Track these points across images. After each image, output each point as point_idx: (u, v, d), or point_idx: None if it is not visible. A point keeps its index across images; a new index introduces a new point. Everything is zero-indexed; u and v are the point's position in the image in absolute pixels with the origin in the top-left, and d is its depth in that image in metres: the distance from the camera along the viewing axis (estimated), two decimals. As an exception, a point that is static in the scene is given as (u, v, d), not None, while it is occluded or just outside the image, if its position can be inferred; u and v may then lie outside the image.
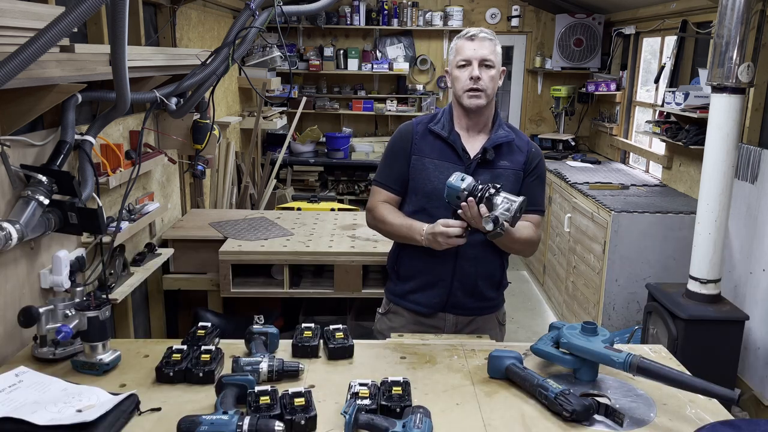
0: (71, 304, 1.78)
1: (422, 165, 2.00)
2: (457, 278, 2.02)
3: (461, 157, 1.98)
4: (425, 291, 2.05)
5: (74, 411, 1.45)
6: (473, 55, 1.92)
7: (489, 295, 2.09)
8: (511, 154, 2.02)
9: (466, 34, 1.97)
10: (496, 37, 2.00)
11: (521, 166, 2.02)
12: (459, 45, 1.96)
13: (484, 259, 2.02)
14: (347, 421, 1.37)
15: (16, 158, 1.86)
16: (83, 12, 1.46)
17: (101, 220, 1.98)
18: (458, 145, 1.99)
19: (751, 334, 3.27)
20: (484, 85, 1.93)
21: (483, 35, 1.95)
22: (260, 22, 2.73)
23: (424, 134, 2.03)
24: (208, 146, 3.28)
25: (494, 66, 1.94)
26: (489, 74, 1.93)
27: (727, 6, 2.88)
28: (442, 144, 2.01)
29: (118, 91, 1.95)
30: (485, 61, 1.93)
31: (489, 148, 1.97)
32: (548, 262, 5.08)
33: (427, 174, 2.00)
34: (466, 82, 1.93)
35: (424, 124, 2.05)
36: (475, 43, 1.93)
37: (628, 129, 5.38)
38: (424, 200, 2.01)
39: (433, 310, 2.07)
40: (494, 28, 6.10)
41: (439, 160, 1.99)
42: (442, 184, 1.90)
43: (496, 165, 1.99)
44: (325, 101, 6.12)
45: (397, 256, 2.11)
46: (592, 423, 1.48)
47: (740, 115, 2.95)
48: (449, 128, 2.01)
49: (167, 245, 3.18)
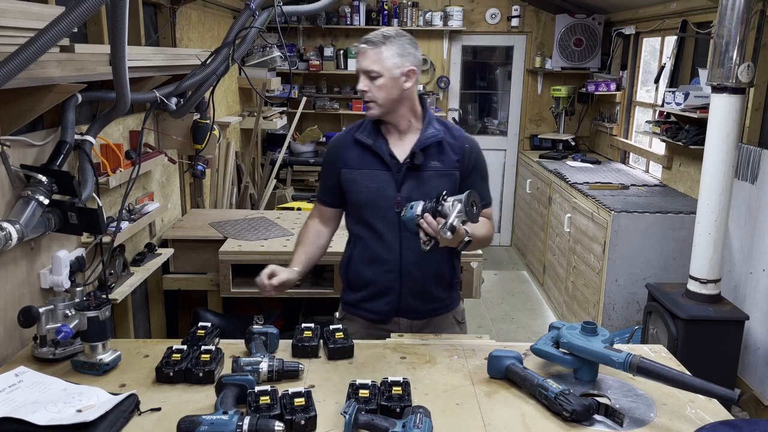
0: (71, 304, 1.78)
1: (352, 177, 1.98)
2: (405, 284, 1.99)
3: (389, 163, 1.94)
4: (376, 300, 2.02)
5: (74, 411, 1.45)
6: (359, 68, 1.90)
7: (440, 295, 2.06)
8: (443, 153, 1.97)
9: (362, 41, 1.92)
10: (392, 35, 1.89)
11: (455, 165, 1.97)
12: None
13: (430, 262, 1.98)
14: (347, 421, 1.37)
15: (16, 158, 1.86)
16: (83, 12, 1.46)
17: (101, 220, 1.98)
18: (384, 152, 1.94)
19: (751, 334, 3.27)
20: (371, 97, 1.89)
21: (363, 46, 1.88)
22: (260, 22, 2.73)
23: (351, 145, 1.99)
24: (208, 146, 3.28)
25: (381, 75, 1.86)
26: (375, 85, 1.87)
27: (727, 6, 2.88)
28: (369, 152, 1.97)
29: (118, 91, 1.95)
30: (369, 73, 1.87)
31: (417, 151, 1.93)
32: (548, 262, 5.08)
33: (357, 186, 1.97)
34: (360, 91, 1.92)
35: (350, 134, 2.02)
36: (359, 54, 1.89)
37: (628, 129, 5.38)
38: (360, 210, 2.00)
39: (386, 317, 2.05)
40: (494, 28, 6.10)
41: (368, 169, 1.96)
42: (372, 192, 1.93)
43: (426, 167, 1.94)
44: (325, 101, 6.12)
45: (347, 265, 2.09)
46: (592, 423, 1.48)
47: (740, 115, 2.95)
48: (374, 135, 1.97)
49: (167, 245, 3.18)
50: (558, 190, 4.83)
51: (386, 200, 1.95)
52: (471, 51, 6.40)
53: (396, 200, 1.94)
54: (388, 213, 1.96)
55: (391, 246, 1.97)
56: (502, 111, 6.56)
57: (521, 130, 6.37)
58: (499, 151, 6.47)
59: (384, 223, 1.97)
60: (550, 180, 5.06)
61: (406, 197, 1.92)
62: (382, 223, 1.97)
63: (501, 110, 6.57)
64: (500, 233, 6.61)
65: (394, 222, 1.95)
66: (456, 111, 6.37)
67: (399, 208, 1.93)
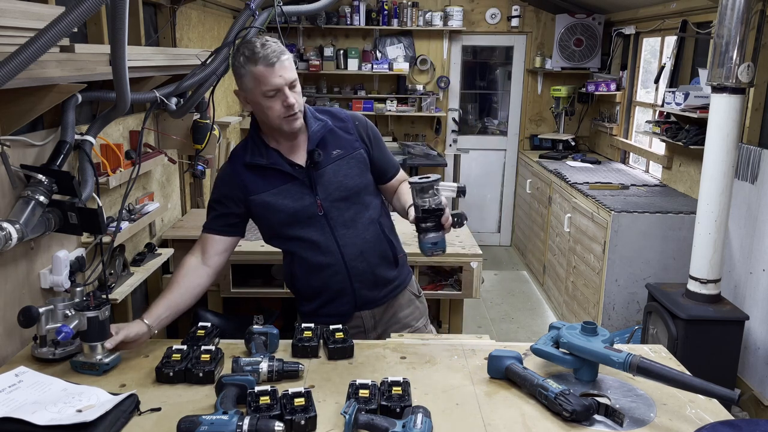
0: (71, 304, 1.78)
1: (263, 202, 1.91)
2: (355, 280, 1.97)
3: (293, 173, 1.90)
4: (332, 303, 2.00)
5: (74, 411, 1.45)
6: (281, 83, 1.77)
7: (390, 276, 2.04)
8: (338, 139, 1.94)
9: (256, 57, 1.75)
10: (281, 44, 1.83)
11: (355, 144, 1.96)
12: (259, 73, 1.76)
13: (371, 247, 1.97)
14: (347, 421, 1.37)
15: (16, 158, 1.86)
16: (83, 12, 1.46)
17: (101, 220, 1.98)
18: (283, 165, 1.89)
19: (751, 334, 3.27)
20: (299, 107, 1.84)
21: (282, 57, 1.77)
22: (260, 22, 2.73)
23: (245, 172, 1.92)
24: (208, 146, 3.27)
25: (296, 81, 1.82)
26: (297, 92, 1.82)
27: (727, 6, 2.88)
28: (268, 171, 1.90)
29: (118, 91, 1.95)
30: (293, 83, 1.81)
31: (314, 149, 1.89)
32: (548, 262, 5.08)
33: (274, 207, 1.91)
34: (281, 110, 1.81)
35: (239, 160, 1.93)
36: (276, 68, 1.76)
37: (628, 129, 5.38)
38: (286, 229, 1.95)
39: (347, 317, 2.03)
40: (494, 28, 6.10)
41: (276, 188, 1.91)
42: (290, 206, 1.89)
43: (329, 160, 1.91)
44: (325, 101, 6.12)
45: (292, 280, 2.06)
46: (592, 423, 1.48)
47: (740, 115, 2.95)
48: (265, 151, 1.90)
49: (167, 245, 3.18)
50: (558, 190, 4.83)
51: (307, 208, 1.92)
52: (471, 51, 6.41)
53: (316, 204, 1.91)
54: (313, 219, 1.93)
55: (329, 249, 1.94)
56: (502, 111, 6.56)
57: (521, 130, 6.37)
58: (499, 151, 6.47)
59: (314, 230, 1.93)
60: (550, 180, 5.06)
61: (324, 197, 1.91)
62: (311, 231, 1.93)
63: (501, 110, 6.57)
64: (500, 233, 6.61)
65: (323, 225, 1.93)
66: (456, 111, 6.37)
67: (321, 210, 1.92)
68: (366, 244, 1.96)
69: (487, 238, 6.50)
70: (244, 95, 1.85)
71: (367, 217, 1.98)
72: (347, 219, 1.95)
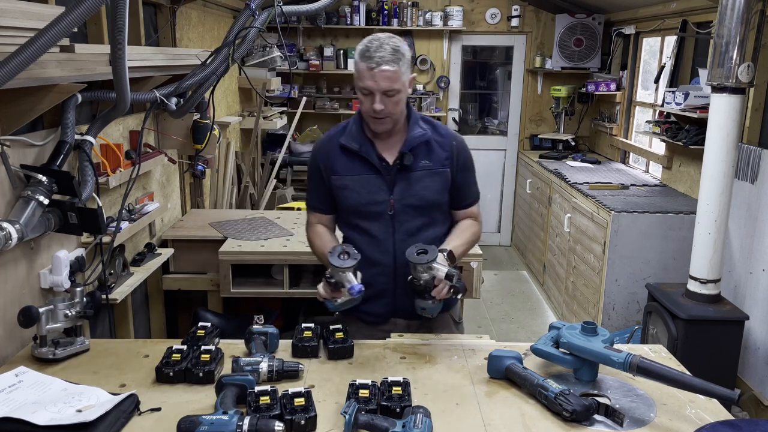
0: (71, 303, 1.78)
1: (343, 183, 1.96)
2: (399, 286, 1.97)
3: (378, 167, 1.94)
4: (371, 302, 1.99)
5: (74, 411, 1.45)
6: (374, 87, 1.81)
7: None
8: (431, 152, 1.96)
9: (365, 54, 1.80)
10: (401, 48, 1.84)
11: (444, 162, 1.97)
12: (361, 69, 1.82)
13: None
14: (347, 421, 1.37)
15: (16, 158, 1.86)
16: (83, 12, 1.46)
17: (101, 220, 1.98)
18: (372, 156, 1.94)
19: (751, 334, 3.27)
20: (387, 113, 1.86)
21: (385, 67, 1.79)
22: (260, 22, 2.73)
23: (337, 151, 1.97)
24: (208, 146, 3.28)
25: (399, 91, 1.84)
26: (393, 101, 1.84)
27: (727, 6, 2.88)
28: (357, 157, 1.95)
29: (118, 91, 1.95)
30: (387, 92, 1.82)
31: (406, 152, 1.92)
32: (548, 262, 5.08)
33: (348, 192, 1.96)
34: (369, 109, 1.86)
35: (335, 139, 1.99)
36: (375, 73, 1.79)
37: (628, 129, 5.38)
38: (353, 216, 1.99)
39: (383, 319, 2.04)
40: (494, 28, 6.10)
41: (358, 174, 1.95)
42: (365, 197, 1.93)
43: (417, 167, 1.94)
44: (325, 101, 6.12)
45: None
46: (592, 423, 1.48)
47: (740, 115, 2.95)
48: (360, 139, 1.95)
49: (167, 245, 3.18)
50: (558, 190, 4.83)
51: (379, 204, 1.95)
52: (471, 51, 6.40)
53: (389, 203, 1.94)
54: (381, 216, 1.95)
55: (385, 248, 1.96)
56: (502, 111, 6.56)
57: (521, 130, 6.37)
58: (499, 151, 6.46)
59: (377, 226, 1.96)
60: (550, 180, 5.06)
61: (398, 199, 1.94)
62: (375, 226, 1.96)
63: (501, 110, 6.57)
64: (500, 233, 6.61)
65: (387, 225, 1.96)
66: (456, 111, 6.36)
67: (392, 210, 1.94)
68: None
69: (487, 238, 6.50)
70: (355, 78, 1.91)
71: (431, 233, 1.99)
72: (412, 228, 1.97)
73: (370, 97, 1.85)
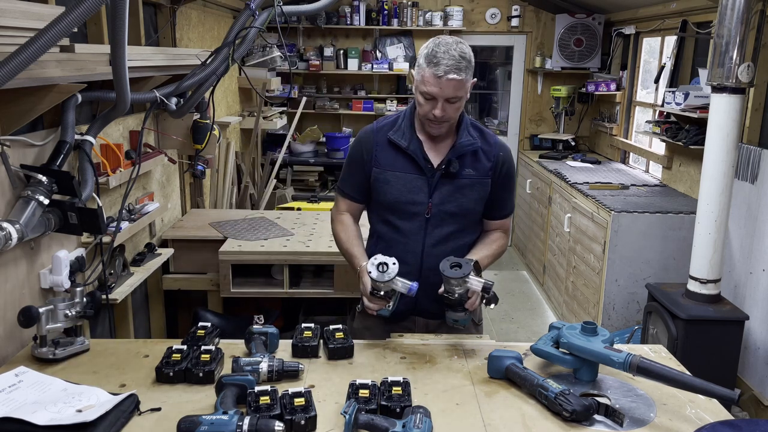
0: (71, 303, 1.78)
1: (384, 178, 1.95)
2: (422, 287, 1.94)
3: (423, 168, 1.93)
4: None
5: (74, 411, 1.45)
6: (439, 94, 1.80)
7: None
8: (477, 161, 1.95)
9: (434, 62, 1.78)
10: (468, 55, 1.82)
11: (488, 172, 1.96)
12: (426, 75, 1.80)
13: None
14: (347, 421, 1.37)
15: (16, 158, 1.86)
16: (83, 12, 1.46)
17: (101, 220, 1.98)
18: (419, 156, 1.92)
19: (751, 334, 3.27)
20: (446, 118, 1.85)
21: (452, 76, 1.77)
22: (260, 22, 2.73)
23: (384, 144, 1.95)
24: (208, 146, 3.28)
25: (462, 97, 1.84)
26: (454, 107, 1.84)
27: (727, 6, 2.88)
28: (402, 154, 1.94)
29: (118, 91, 1.95)
30: (452, 99, 1.82)
31: (453, 159, 1.91)
32: (548, 262, 5.08)
33: (388, 187, 1.95)
34: (428, 113, 1.85)
35: (384, 132, 1.97)
36: (443, 82, 1.78)
37: (628, 129, 5.38)
38: (387, 212, 1.98)
39: (403, 316, 2.04)
40: (494, 28, 6.10)
41: (401, 171, 1.94)
42: (404, 195, 1.92)
43: (461, 175, 1.93)
44: (325, 101, 6.12)
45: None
46: (592, 423, 1.48)
47: (740, 115, 2.95)
48: (409, 136, 1.93)
49: (167, 245, 3.18)
50: (558, 190, 4.83)
51: (417, 205, 1.94)
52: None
53: (427, 206, 1.93)
54: (416, 217, 1.95)
55: (414, 249, 1.96)
56: (502, 111, 6.56)
57: (521, 130, 6.36)
58: (499, 151, 6.46)
59: (410, 226, 1.95)
60: (550, 180, 5.06)
61: (437, 203, 1.93)
62: (408, 226, 1.95)
63: (501, 110, 6.57)
64: (500, 233, 6.61)
65: (421, 226, 1.95)
66: (456, 111, 6.36)
67: (429, 213, 1.94)
68: None
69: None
70: (414, 79, 1.89)
71: (461, 241, 1.99)
72: (444, 233, 1.96)
73: (431, 102, 1.83)
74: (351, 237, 2.01)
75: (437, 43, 1.81)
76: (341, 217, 2.06)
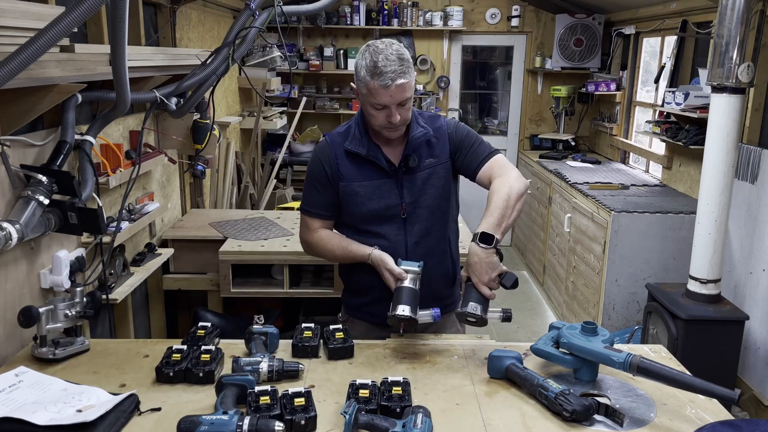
0: (71, 303, 1.78)
1: (352, 190, 1.93)
2: None
3: (387, 170, 1.91)
4: (379, 304, 1.95)
5: (74, 411, 1.45)
6: (391, 102, 1.79)
7: (444, 293, 2.04)
8: (434, 148, 1.95)
9: (377, 73, 1.75)
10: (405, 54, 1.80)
11: (447, 155, 1.95)
12: (373, 87, 1.77)
13: (435, 261, 1.97)
14: (347, 421, 1.37)
15: (16, 158, 1.86)
16: (83, 12, 1.46)
17: (101, 220, 1.98)
18: (381, 160, 1.91)
19: (751, 334, 3.27)
20: (403, 121, 1.85)
21: (399, 81, 1.76)
22: (260, 22, 2.73)
23: (343, 155, 1.93)
24: (208, 146, 3.28)
25: (410, 97, 1.83)
26: (406, 108, 1.84)
27: (727, 6, 2.88)
28: (364, 161, 1.92)
29: (118, 91, 1.95)
30: (403, 102, 1.81)
31: (411, 154, 1.91)
32: (548, 262, 5.08)
33: (359, 198, 1.93)
34: (384, 122, 1.84)
35: (338, 144, 1.94)
36: (392, 90, 1.76)
37: (628, 129, 5.38)
38: (364, 222, 1.96)
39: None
40: (494, 28, 6.10)
41: (367, 180, 1.92)
42: (377, 203, 1.91)
43: (422, 167, 1.93)
44: (325, 101, 6.12)
45: (349, 271, 2.05)
46: (592, 423, 1.48)
47: (740, 115, 2.95)
48: (366, 143, 1.91)
49: (167, 245, 3.18)
50: (558, 190, 4.84)
51: (392, 208, 1.93)
52: (471, 51, 6.41)
53: (401, 206, 1.93)
54: (394, 220, 1.94)
55: (397, 252, 1.94)
56: (502, 111, 6.56)
57: (521, 130, 6.37)
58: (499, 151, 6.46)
59: (389, 229, 1.95)
60: (550, 180, 5.06)
61: (410, 201, 1.93)
62: (387, 230, 1.95)
63: (501, 110, 6.57)
64: (500, 233, 6.60)
65: (400, 227, 1.95)
66: (456, 111, 6.36)
67: (404, 213, 1.93)
68: (432, 260, 1.94)
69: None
70: (357, 93, 1.87)
71: (441, 233, 1.99)
72: (423, 229, 1.96)
73: (385, 111, 1.82)
74: (341, 240, 1.98)
75: (373, 52, 1.79)
76: (317, 234, 2.00)
